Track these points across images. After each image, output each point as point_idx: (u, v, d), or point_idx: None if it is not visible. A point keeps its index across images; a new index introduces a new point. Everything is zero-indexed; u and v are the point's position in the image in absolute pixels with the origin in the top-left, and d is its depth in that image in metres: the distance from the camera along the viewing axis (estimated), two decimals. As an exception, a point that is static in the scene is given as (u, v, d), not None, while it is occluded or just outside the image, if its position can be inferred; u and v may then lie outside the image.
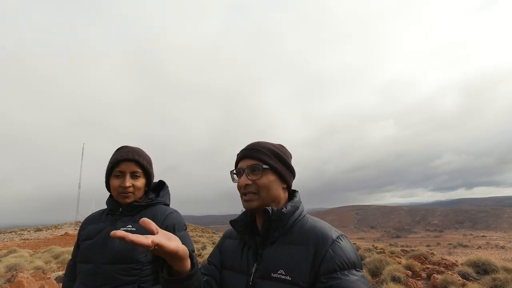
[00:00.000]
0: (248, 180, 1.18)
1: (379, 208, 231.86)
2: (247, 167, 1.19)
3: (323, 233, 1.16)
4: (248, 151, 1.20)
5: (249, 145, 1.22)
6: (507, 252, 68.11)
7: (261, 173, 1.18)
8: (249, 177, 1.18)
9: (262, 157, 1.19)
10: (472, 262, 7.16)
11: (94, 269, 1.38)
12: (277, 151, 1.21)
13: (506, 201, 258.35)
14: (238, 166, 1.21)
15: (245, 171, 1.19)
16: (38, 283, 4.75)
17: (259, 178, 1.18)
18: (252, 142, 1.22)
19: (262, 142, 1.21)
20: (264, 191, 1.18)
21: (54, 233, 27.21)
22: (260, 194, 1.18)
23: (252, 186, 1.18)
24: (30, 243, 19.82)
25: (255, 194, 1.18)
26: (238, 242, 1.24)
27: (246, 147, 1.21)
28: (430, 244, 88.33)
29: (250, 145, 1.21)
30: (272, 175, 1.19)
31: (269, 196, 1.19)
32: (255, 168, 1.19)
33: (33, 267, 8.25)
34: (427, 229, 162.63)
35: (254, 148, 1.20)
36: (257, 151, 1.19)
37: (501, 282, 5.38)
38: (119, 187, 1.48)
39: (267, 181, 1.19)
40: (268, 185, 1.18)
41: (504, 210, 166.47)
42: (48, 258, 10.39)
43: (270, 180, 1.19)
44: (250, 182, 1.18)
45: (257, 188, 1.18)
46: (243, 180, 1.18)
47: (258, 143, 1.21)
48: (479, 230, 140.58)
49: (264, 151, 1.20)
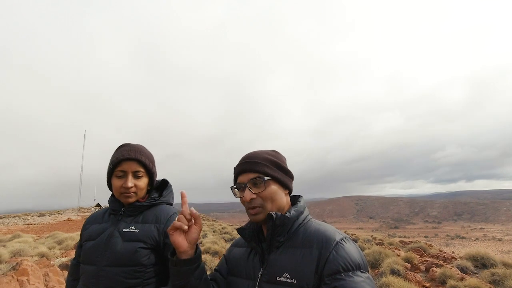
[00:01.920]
0: (252, 194, 1.17)
1: (378, 199, 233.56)
2: (248, 181, 1.18)
3: (327, 235, 1.16)
4: (246, 165, 1.19)
5: (244, 157, 1.21)
6: (504, 245, 68.84)
7: (264, 185, 1.17)
8: (252, 191, 1.17)
9: (262, 169, 1.18)
10: (471, 256, 7.21)
11: (96, 271, 1.37)
12: (274, 159, 1.20)
13: (506, 194, 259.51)
14: (238, 181, 1.20)
15: (247, 185, 1.18)
16: (42, 271, 4.82)
17: (262, 190, 1.17)
18: (247, 154, 1.21)
19: (257, 153, 1.21)
20: (269, 203, 1.18)
21: (57, 218, 27.62)
22: (266, 206, 1.18)
23: (257, 199, 1.17)
24: (33, 228, 20.13)
25: (260, 207, 1.17)
26: (245, 249, 1.26)
27: (242, 161, 1.20)
28: (428, 235, 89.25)
29: (246, 158, 1.20)
30: (275, 185, 1.19)
31: (275, 205, 1.19)
32: (256, 181, 1.17)
33: (37, 253, 8.39)
34: (426, 221, 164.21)
35: (251, 160, 1.19)
36: (255, 164, 1.18)
37: (499, 277, 5.42)
38: (121, 188, 1.44)
39: (271, 192, 1.18)
40: (272, 196, 1.18)
41: (503, 203, 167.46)
42: (52, 244, 10.55)
43: (273, 190, 1.18)
44: (254, 196, 1.17)
45: (262, 201, 1.17)
46: (247, 195, 1.17)
47: (253, 155, 1.20)
48: (477, 222, 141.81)
49: (262, 162, 1.19)
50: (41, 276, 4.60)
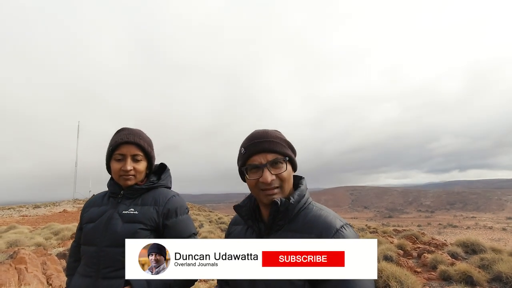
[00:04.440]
0: (272, 175, 1.12)
1: (373, 189, 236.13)
2: (268, 161, 1.13)
3: (327, 222, 1.10)
4: (265, 144, 1.14)
5: (258, 136, 1.15)
6: (494, 233, 70.47)
7: (285, 166, 1.14)
8: (272, 172, 1.12)
9: (281, 149, 1.14)
10: (461, 242, 7.42)
11: (97, 252, 1.40)
12: (287, 139, 1.19)
13: (497, 184, 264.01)
14: (252, 161, 1.14)
15: (267, 166, 1.12)
16: (40, 259, 4.85)
17: (283, 171, 1.13)
18: (259, 133, 1.16)
19: (270, 132, 1.17)
20: (286, 184, 1.15)
21: (53, 210, 27.49)
22: (283, 187, 1.14)
23: (275, 180, 1.13)
24: (29, 220, 20.04)
25: (278, 188, 1.14)
26: (242, 227, 1.26)
27: (257, 140, 1.15)
28: (421, 224, 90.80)
29: (262, 137, 1.15)
30: (289, 166, 1.16)
31: (289, 186, 1.17)
32: (277, 161, 1.13)
33: (33, 243, 8.41)
34: (419, 210, 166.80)
35: (269, 140, 1.15)
36: (274, 144, 1.14)
37: (488, 261, 5.60)
38: (120, 171, 1.46)
39: (288, 173, 1.15)
40: (289, 177, 1.16)
41: (495, 192, 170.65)
42: (48, 235, 10.56)
43: (289, 171, 1.16)
44: (274, 177, 1.12)
45: (280, 182, 1.14)
46: (267, 176, 1.11)
47: (268, 134, 1.16)
48: (469, 211, 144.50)
49: (280, 142, 1.15)
50: (39, 265, 4.64)
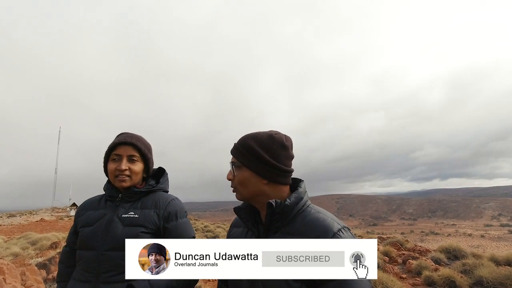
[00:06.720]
0: (230, 175, 1.21)
1: (358, 197, 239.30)
2: (230, 163, 1.22)
3: (325, 225, 1.09)
4: (232, 147, 1.22)
5: (239, 139, 1.22)
6: (473, 240, 72.62)
7: (237, 170, 1.19)
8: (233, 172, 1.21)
9: (237, 155, 1.20)
10: (444, 249, 7.63)
11: (97, 256, 1.36)
12: (255, 147, 1.16)
13: (476, 192, 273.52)
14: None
15: (231, 166, 1.22)
16: (19, 270, 4.62)
17: (236, 175, 1.19)
18: (243, 137, 1.22)
19: (246, 137, 1.20)
20: (241, 187, 1.19)
21: (29, 219, 26.25)
22: (238, 189, 1.20)
23: (233, 181, 1.21)
24: (2, 229, 19.04)
25: (236, 189, 1.21)
26: (242, 229, 1.27)
27: (237, 142, 1.23)
28: (404, 232, 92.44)
29: (239, 140, 1.21)
30: (247, 172, 1.17)
31: (247, 191, 1.18)
32: (232, 165, 1.21)
33: (9, 253, 7.99)
34: (402, 218, 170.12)
35: (235, 144, 1.21)
36: (235, 149, 1.21)
37: (470, 266, 5.78)
38: (115, 170, 1.44)
39: (242, 178, 1.18)
40: (243, 181, 1.18)
41: (473, 200, 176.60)
42: (25, 245, 10.05)
43: (245, 176, 1.17)
44: (231, 177, 1.21)
45: (235, 184, 1.20)
46: (228, 175, 1.22)
47: (242, 138, 1.20)
48: (450, 219, 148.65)
49: (240, 148, 1.19)
50: (18, 275, 4.41)
